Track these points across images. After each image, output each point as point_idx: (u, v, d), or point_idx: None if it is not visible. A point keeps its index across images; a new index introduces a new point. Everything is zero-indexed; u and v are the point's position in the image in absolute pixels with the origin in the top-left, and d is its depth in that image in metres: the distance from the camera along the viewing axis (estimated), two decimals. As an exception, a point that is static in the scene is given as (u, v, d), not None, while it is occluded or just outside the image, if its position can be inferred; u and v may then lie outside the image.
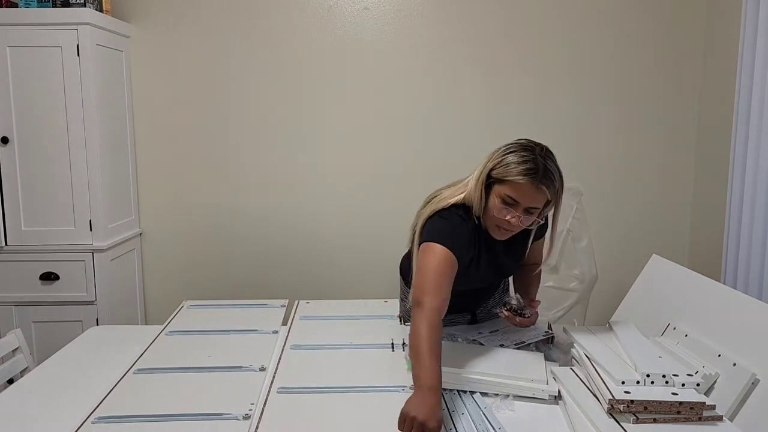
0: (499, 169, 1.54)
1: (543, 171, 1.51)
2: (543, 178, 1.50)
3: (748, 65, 2.33)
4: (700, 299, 1.97)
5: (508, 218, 1.53)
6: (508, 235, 1.61)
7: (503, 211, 1.53)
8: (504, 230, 1.58)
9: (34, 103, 2.50)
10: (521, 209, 1.53)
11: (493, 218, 1.57)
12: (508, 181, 1.52)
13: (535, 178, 1.50)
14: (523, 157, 1.52)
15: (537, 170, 1.50)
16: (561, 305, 3.13)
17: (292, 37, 2.90)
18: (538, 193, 1.51)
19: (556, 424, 1.38)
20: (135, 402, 1.42)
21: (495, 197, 1.55)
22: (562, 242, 3.05)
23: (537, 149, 1.55)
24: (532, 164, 1.51)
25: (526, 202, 1.52)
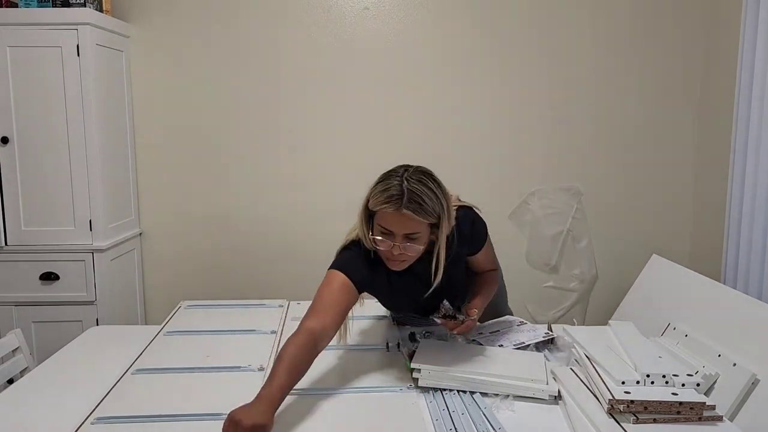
0: (371, 200, 1.50)
1: (407, 195, 1.43)
2: (408, 203, 1.43)
3: (748, 65, 2.33)
4: (700, 299, 1.97)
5: (386, 249, 1.48)
6: (402, 265, 1.53)
7: (382, 242, 1.49)
8: (392, 261, 1.52)
9: (34, 103, 2.50)
10: (399, 238, 1.47)
11: (380, 252, 1.52)
12: (377, 211, 1.48)
13: (398, 205, 1.43)
14: (385, 185, 1.47)
15: (398, 196, 1.43)
16: (561, 305, 3.13)
17: (292, 37, 2.90)
18: (405, 218, 1.44)
19: (556, 424, 1.38)
20: (134, 402, 1.42)
21: (376, 229, 1.50)
22: (562, 242, 3.06)
23: (403, 173, 1.49)
24: (393, 191, 1.45)
25: (398, 229, 1.46)
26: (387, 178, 1.50)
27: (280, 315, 2.05)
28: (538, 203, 3.03)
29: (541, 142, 3.00)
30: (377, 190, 1.49)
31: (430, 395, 1.49)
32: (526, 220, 3.05)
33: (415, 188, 1.45)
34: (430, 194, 1.46)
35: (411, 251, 1.48)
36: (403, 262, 1.52)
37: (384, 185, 1.48)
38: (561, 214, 3.04)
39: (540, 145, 3.00)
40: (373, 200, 1.49)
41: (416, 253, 1.50)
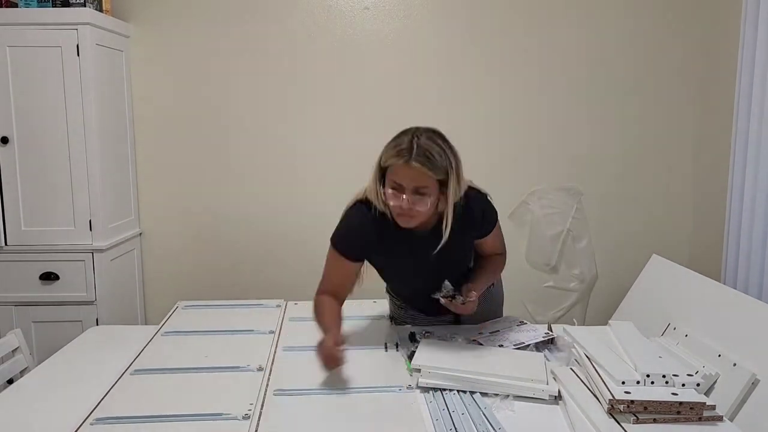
0: (383, 157, 1.60)
1: (416, 149, 1.53)
2: (416, 156, 1.52)
3: (748, 65, 2.33)
4: (700, 299, 1.97)
5: (396, 202, 1.56)
6: (411, 222, 1.60)
7: (392, 195, 1.57)
8: (402, 216, 1.59)
9: (34, 103, 2.50)
10: (409, 192, 1.55)
11: (391, 207, 1.60)
12: (388, 166, 1.57)
13: (408, 157, 1.52)
14: (396, 142, 1.58)
15: (408, 149, 1.53)
16: (561, 305, 3.13)
17: (292, 37, 2.90)
18: (413, 171, 1.53)
19: (556, 424, 1.38)
20: (133, 403, 1.42)
21: (388, 185, 1.59)
22: (562, 242, 3.06)
23: (413, 130, 1.60)
24: (404, 145, 1.55)
25: (407, 182, 1.54)
26: (399, 136, 1.60)
27: (278, 315, 2.05)
28: (538, 203, 3.03)
29: (541, 142, 3.00)
30: (389, 146, 1.59)
31: (430, 395, 1.49)
32: (526, 220, 3.05)
33: (425, 143, 1.55)
34: (439, 150, 1.55)
35: (420, 205, 1.55)
36: (412, 218, 1.58)
37: (395, 141, 1.59)
38: (561, 214, 3.04)
39: (540, 144, 3.00)
40: (384, 155, 1.59)
41: (425, 208, 1.56)
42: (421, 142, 1.55)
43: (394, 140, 1.60)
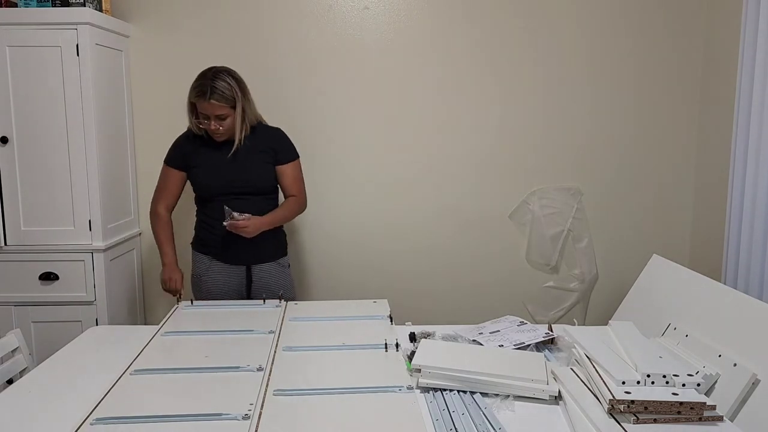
0: (189, 95, 2.19)
1: (211, 90, 2.12)
2: (212, 95, 2.12)
3: (748, 65, 2.33)
4: (700, 299, 1.97)
5: (206, 127, 2.19)
6: (222, 137, 2.23)
7: (204, 123, 2.19)
8: (215, 134, 2.21)
9: (34, 103, 2.50)
10: (213, 118, 2.16)
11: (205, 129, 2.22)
12: (194, 101, 2.18)
13: (205, 96, 2.12)
14: (197, 83, 2.16)
15: (205, 91, 2.12)
16: (561, 305, 3.13)
17: (292, 36, 2.90)
18: (212, 105, 2.14)
19: (556, 424, 1.38)
20: (134, 403, 1.42)
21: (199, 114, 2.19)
22: (562, 242, 3.06)
23: (209, 72, 2.17)
24: (202, 87, 2.13)
25: (210, 112, 2.15)
26: (199, 78, 2.17)
27: (278, 315, 2.05)
28: (538, 203, 3.03)
29: (541, 142, 3.00)
30: (193, 86, 2.17)
31: (430, 395, 1.49)
32: (526, 220, 3.05)
33: (216, 84, 2.14)
34: (225, 85, 2.15)
35: (224, 126, 2.19)
36: (222, 134, 2.21)
37: (197, 83, 2.16)
38: (561, 214, 3.04)
39: (541, 144, 3.00)
40: (190, 95, 2.18)
41: (227, 127, 2.19)
42: (213, 83, 2.12)
43: (197, 81, 2.16)
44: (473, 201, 3.04)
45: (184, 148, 2.31)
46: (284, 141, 2.39)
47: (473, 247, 3.06)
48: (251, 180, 2.29)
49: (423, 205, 3.03)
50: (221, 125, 2.17)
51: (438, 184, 3.02)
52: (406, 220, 3.03)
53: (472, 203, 3.03)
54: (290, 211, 2.38)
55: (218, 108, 2.14)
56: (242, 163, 2.26)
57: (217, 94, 2.12)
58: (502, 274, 3.08)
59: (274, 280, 2.40)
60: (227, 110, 2.16)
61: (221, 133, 2.20)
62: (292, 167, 2.38)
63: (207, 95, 2.11)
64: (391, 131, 2.97)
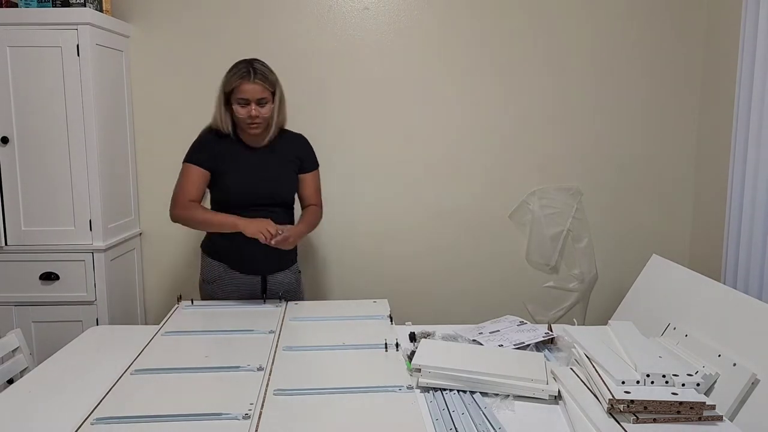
0: (226, 84, 2.09)
1: (254, 70, 2.06)
2: (256, 75, 2.06)
3: (748, 65, 2.33)
4: (700, 299, 1.97)
5: (246, 113, 2.07)
6: (258, 129, 2.12)
7: (241, 110, 2.07)
8: (251, 125, 2.10)
9: (34, 103, 2.50)
10: (254, 103, 2.06)
11: (240, 122, 2.11)
12: (234, 87, 2.06)
13: (250, 76, 2.05)
14: (236, 69, 2.09)
15: (249, 71, 2.06)
16: (561, 305, 3.13)
17: (292, 36, 2.90)
18: (256, 86, 2.05)
19: (556, 424, 1.38)
20: (134, 403, 1.42)
21: (235, 104, 2.08)
22: (562, 242, 3.06)
23: (245, 60, 2.11)
24: (244, 69, 2.07)
25: (251, 96, 2.05)
26: (235, 67, 2.11)
27: (278, 315, 2.05)
28: (538, 203, 3.03)
29: (541, 142, 3.00)
30: (230, 74, 2.09)
31: (430, 395, 1.49)
32: (526, 220, 3.05)
33: (258, 66, 2.10)
34: (269, 70, 2.12)
35: (263, 113, 2.08)
36: (259, 125, 2.11)
37: (235, 70, 2.09)
38: (561, 214, 3.04)
39: (540, 144, 3.00)
40: (228, 81, 2.08)
41: (268, 113, 2.10)
42: (255, 66, 2.08)
43: (233, 71, 2.09)
44: (473, 201, 3.04)
45: (214, 147, 2.16)
46: (309, 148, 2.32)
47: (473, 247, 3.06)
48: (281, 193, 2.22)
49: (423, 205, 3.03)
50: (262, 111, 2.08)
51: (438, 184, 3.02)
52: (406, 220, 3.04)
53: (472, 203, 3.03)
54: (316, 221, 2.29)
55: (261, 91, 2.06)
56: (273, 173, 2.19)
57: (260, 75, 2.06)
58: (502, 274, 3.08)
59: (288, 287, 2.30)
60: (268, 94, 2.09)
61: (259, 123, 2.10)
62: (313, 176, 2.32)
63: (251, 76, 2.04)
64: (390, 131, 2.97)
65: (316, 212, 2.29)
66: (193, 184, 2.14)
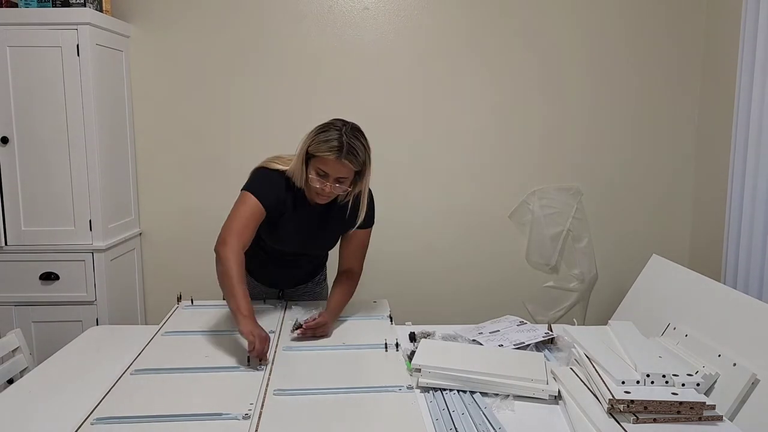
0: (312, 146, 1.79)
1: (347, 148, 1.75)
2: (347, 154, 1.75)
3: (748, 65, 2.33)
4: (700, 299, 1.97)
5: (320, 186, 1.80)
6: (325, 200, 1.85)
7: (316, 181, 1.80)
8: (321, 196, 1.84)
9: (34, 103, 2.50)
10: (332, 179, 1.78)
11: (311, 187, 1.83)
12: (319, 156, 1.77)
13: (340, 154, 1.75)
14: (328, 136, 1.77)
15: (341, 148, 1.75)
16: (561, 305, 3.13)
17: (292, 37, 2.90)
18: (343, 166, 1.77)
19: (556, 424, 1.38)
20: (134, 403, 1.42)
21: (312, 169, 1.80)
22: (562, 242, 3.06)
23: (344, 128, 1.79)
24: (336, 142, 1.75)
25: (334, 173, 1.78)
26: (327, 130, 1.80)
27: (278, 315, 2.05)
28: (538, 203, 3.03)
29: (541, 142, 3.00)
30: (320, 138, 1.78)
31: (430, 395, 1.49)
32: (526, 220, 3.05)
33: (353, 142, 1.77)
34: (362, 147, 1.80)
35: (338, 190, 1.81)
36: (328, 198, 1.85)
37: (326, 135, 1.78)
38: (561, 214, 3.04)
39: (540, 144, 3.00)
40: (315, 146, 1.78)
41: (342, 192, 1.83)
42: (350, 140, 1.77)
43: (324, 134, 1.78)
44: (473, 201, 3.04)
45: (282, 193, 1.89)
46: (371, 214, 2.01)
47: (473, 247, 3.06)
48: (325, 250, 2.09)
49: (423, 205, 3.03)
50: (337, 190, 1.80)
51: (438, 184, 3.02)
52: (406, 220, 3.03)
53: (472, 203, 3.03)
54: (350, 296, 2.01)
55: (345, 171, 1.78)
56: (325, 231, 1.97)
57: (351, 154, 1.76)
58: (502, 274, 3.08)
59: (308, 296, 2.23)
60: (352, 174, 1.81)
61: (329, 197, 1.84)
62: (364, 234, 2.01)
63: (341, 153, 1.74)
64: (390, 131, 2.97)
65: (352, 285, 2.01)
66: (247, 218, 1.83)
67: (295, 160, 1.86)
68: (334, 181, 1.79)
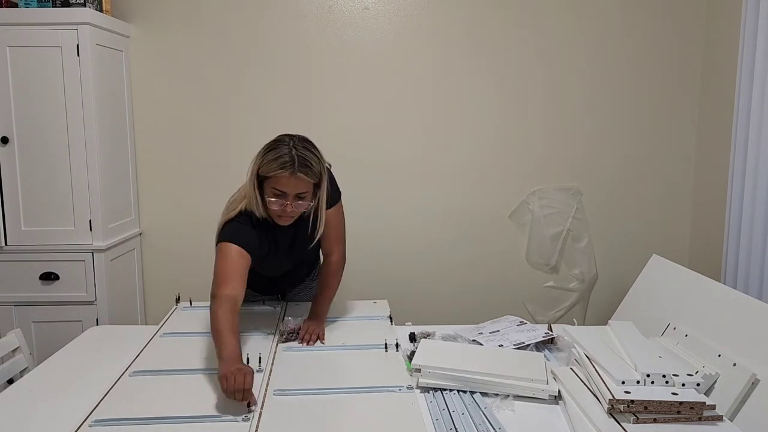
0: (263, 168, 1.70)
1: (299, 161, 1.67)
2: (300, 167, 1.67)
3: (748, 65, 2.33)
4: (700, 299, 1.97)
5: (280, 208, 1.71)
6: (289, 221, 1.76)
7: (275, 203, 1.71)
8: (282, 218, 1.75)
9: (34, 103, 2.50)
10: (291, 197, 1.70)
11: (272, 211, 1.74)
12: (272, 176, 1.68)
13: (292, 169, 1.66)
14: (277, 153, 1.68)
15: (293, 162, 1.66)
16: (561, 305, 3.13)
17: (292, 37, 2.90)
18: (299, 180, 1.68)
19: (556, 424, 1.38)
20: (133, 405, 1.42)
21: (268, 192, 1.72)
22: (562, 242, 3.06)
23: (292, 142, 1.71)
24: (288, 157, 1.67)
25: (290, 190, 1.69)
26: (276, 147, 1.70)
27: (278, 315, 2.05)
28: (538, 203, 3.03)
29: (541, 142, 3.00)
30: (269, 158, 1.68)
31: (430, 395, 1.49)
32: (526, 220, 3.05)
33: (304, 154, 1.69)
34: (315, 159, 1.71)
35: (301, 208, 1.73)
36: (291, 218, 1.76)
37: (275, 153, 1.68)
38: (561, 214, 3.04)
39: (540, 144, 3.00)
40: (266, 167, 1.69)
41: (305, 209, 1.75)
42: (300, 153, 1.68)
43: (273, 152, 1.69)
44: (473, 201, 3.04)
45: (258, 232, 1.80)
46: (335, 193, 1.95)
47: (473, 247, 3.06)
48: (306, 260, 2.04)
49: (423, 205, 3.03)
50: (299, 208, 1.72)
51: (438, 184, 3.02)
52: (406, 221, 3.03)
53: (472, 203, 3.03)
54: (337, 284, 1.98)
55: (303, 184, 1.69)
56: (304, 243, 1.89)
57: (305, 166, 1.68)
58: (502, 274, 3.08)
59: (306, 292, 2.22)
60: (310, 188, 1.72)
61: (292, 217, 1.76)
62: (333, 215, 1.92)
63: (294, 167, 1.66)
64: (390, 131, 2.97)
65: (335, 275, 1.97)
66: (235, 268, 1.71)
67: (247, 188, 1.77)
68: (295, 199, 1.70)
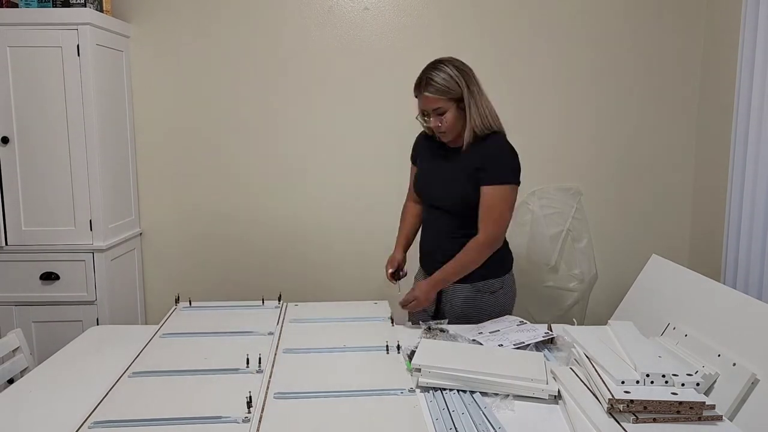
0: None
1: (425, 81, 1.88)
2: (426, 86, 1.88)
3: (748, 65, 2.33)
4: (700, 299, 1.97)
5: (426, 124, 1.97)
6: (445, 136, 1.95)
7: (422, 121, 1.97)
8: (438, 134, 1.96)
9: (34, 103, 2.50)
10: (431, 113, 1.91)
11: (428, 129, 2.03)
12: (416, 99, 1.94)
13: (419, 90, 1.91)
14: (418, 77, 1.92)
15: (420, 83, 1.90)
16: (561, 305, 3.13)
17: (292, 37, 2.90)
18: (426, 99, 1.90)
19: (556, 424, 1.38)
20: (132, 406, 1.42)
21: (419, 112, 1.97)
22: (562, 242, 3.06)
23: (430, 64, 1.93)
24: (417, 80, 1.92)
25: (426, 107, 1.92)
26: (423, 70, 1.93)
27: (277, 316, 2.04)
28: (538, 203, 3.03)
29: (541, 142, 3.00)
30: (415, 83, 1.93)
31: (430, 395, 1.49)
32: (526, 221, 3.05)
33: (430, 73, 1.89)
34: (443, 75, 1.88)
35: (443, 122, 1.90)
36: (444, 133, 1.94)
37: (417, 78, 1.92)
38: (561, 214, 3.04)
39: (540, 144, 3.00)
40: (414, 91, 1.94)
41: (449, 124, 1.90)
42: (427, 73, 1.89)
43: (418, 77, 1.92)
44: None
45: (419, 144, 2.16)
46: (495, 159, 1.92)
47: (473, 247, 3.06)
48: (446, 202, 2.01)
49: (423, 205, 3.02)
50: (440, 122, 1.89)
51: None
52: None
53: (472, 203, 3.02)
54: (468, 261, 1.95)
55: (434, 101, 1.88)
56: (446, 179, 1.99)
57: (432, 86, 1.87)
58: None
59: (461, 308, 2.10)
60: (444, 103, 1.87)
61: (443, 132, 1.92)
62: (491, 192, 1.91)
63: (421, 86, 1.89)
64: (391, 131, 2.97)
65: (473, 250, 1.93)
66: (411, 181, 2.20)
67: None
68: (434, 114, 1.90)
